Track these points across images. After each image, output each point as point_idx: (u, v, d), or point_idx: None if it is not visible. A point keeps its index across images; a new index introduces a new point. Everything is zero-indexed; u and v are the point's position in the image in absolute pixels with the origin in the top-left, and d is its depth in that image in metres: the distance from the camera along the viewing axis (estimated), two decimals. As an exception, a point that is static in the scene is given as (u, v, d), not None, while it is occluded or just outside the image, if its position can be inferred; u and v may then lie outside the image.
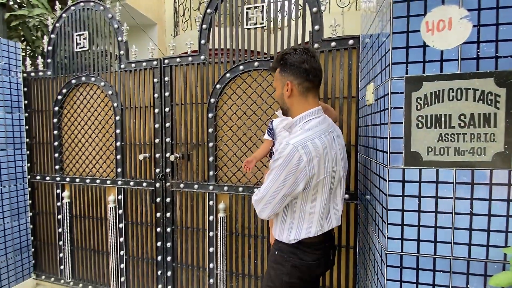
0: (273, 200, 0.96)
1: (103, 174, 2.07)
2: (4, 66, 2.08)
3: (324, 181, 0.95)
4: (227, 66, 1.77)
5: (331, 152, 0.95)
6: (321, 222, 1.00)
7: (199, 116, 1.83)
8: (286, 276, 1.03)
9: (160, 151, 1.89)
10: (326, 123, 1.00)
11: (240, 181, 1.77)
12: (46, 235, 2.26)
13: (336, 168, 0.99)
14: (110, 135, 2.03)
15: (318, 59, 1.01)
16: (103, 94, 2.04)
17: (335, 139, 0.99)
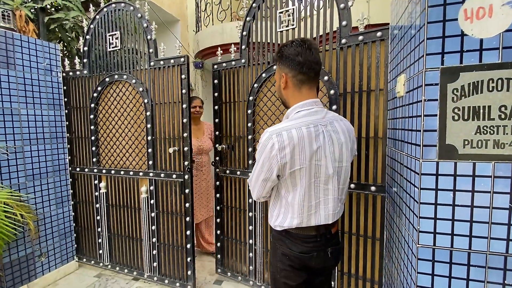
0: (256, 184, 1.03)
1: (136, 166, 2.20)
2: (46, 67, 2.25)
3: (301, 172, 0.95)
4: (263, 67, 1.94)
5: (311, 145, 0.93)
6: (306, 215, 1.00)
7: (241, 112, 2.06)
8: (279, 263, 1.07)
9: (189, 145, 1.97)
10: (317, 116, 0.98)
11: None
12: (86, 222, 2.46)
13: (319, 162, 0.96)
14: (142, 130, 2.14)
15: (316, 51, 0.98)
16: (134, 91, 2.15)
17: (324, 133, 0.96)
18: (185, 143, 1.98)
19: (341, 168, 1.02)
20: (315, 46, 0.98)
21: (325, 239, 1.05)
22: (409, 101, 1.03)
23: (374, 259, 1.59)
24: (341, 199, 1.07)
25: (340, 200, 1.07)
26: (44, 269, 2.22)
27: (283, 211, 1.03)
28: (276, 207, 1.06)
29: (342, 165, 1.02)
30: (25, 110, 2.10)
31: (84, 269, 2.48)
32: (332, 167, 0.98)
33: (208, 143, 2.56)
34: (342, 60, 1.66)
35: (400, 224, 1.16)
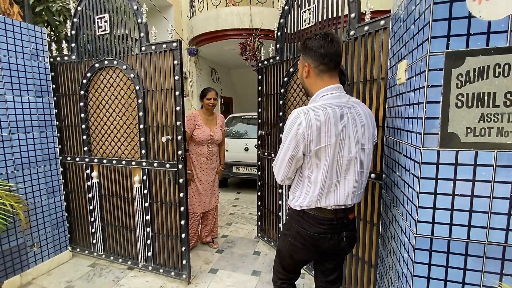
0: (282, 164, 1.06)
1: (128, 155, 2.15)
2: (32, 52, 2.15)
3: (326, 150, 0.99)
4: (291, 63, 2.17)
5: (336, 125, 0.98)
6: (326, 194, 1.04)
7: (274, 103, 2.40)
8: (292, 239, 1.13)
9: (182, 134, 1.92)
10: (342, 99, 1.03)
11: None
12: (79, 212, 2.42)
13: (343, 141, 1.00)
14: (134, 118, 2.08)
15: (337, 44, 1.04)
16: (125, 77, 2.07)
17: (348, 115, 1.01)
18: (178, 132, 1.93)
19: (364, 150, 1.06)
20: (337, 40, 1.04)
21: (341, 223, 1.08)
22: (410, 88, 0.99)
23: (372, 244, 1.60)
24: (363, 184, 1.10)
25: (361, 184, 1.09)
26: (37, 259, 2.19)
27: (305, 191, 1.06)
28: (298, 188, 1.10)
29: (364, 147, 1.06)
30: (11, 97, 2.01)
31: (78, 259, 2.45)
32: (355, 147, 1.02)
33: (219, 134, 2.52)
34: (351, 51, 1.66)
35: (397, 213, 1.15)
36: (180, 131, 1.92)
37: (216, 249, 2.63)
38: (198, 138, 2.38)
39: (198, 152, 2.43)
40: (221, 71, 6.36)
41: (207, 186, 2.50)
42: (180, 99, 1.90)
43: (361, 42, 1.61)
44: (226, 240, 2.83)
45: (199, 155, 2.43)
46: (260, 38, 3.70)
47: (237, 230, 3.09)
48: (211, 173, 2.52)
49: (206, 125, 2.44)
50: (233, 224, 3.25)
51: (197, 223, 2.54)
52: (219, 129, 2.53)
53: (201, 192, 2.46)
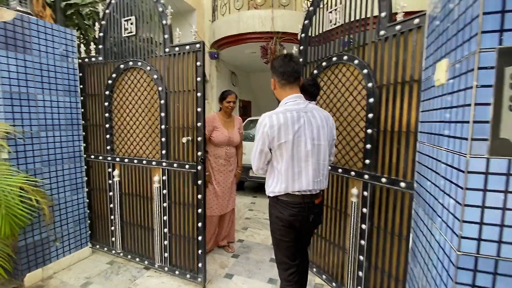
0: (255, 157, 1.35)
1: (149, 155, 2.17)
2: (62, 53, 2.24)
3: (286, 145, 1.27)
4: (314, 65, 2.09)
5: (293, 125, 1.27)
6: (291, 180, 1.29)
7: None
8: (275, 224, 1.39)
9: (202, 135, 1.91)
10: (300, 106, 1.32)
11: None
12: (99, 209, 2.47)
13: (300, 138, 1.27)
14: (156, 118, 2.10)
15: (295, 62, 1.35)
16: (149, 78, 2.10)
17: (304, 118, 1.30)
18: (199, 133, 1.92)
19: (320, 146, 1.32)
20: (295, 59, 1.36)
21: (308, 207, 1.34)
22: (453, 89, 0.91)
23: (400, 257, 1.49)
24: (322, 173, 1.36)
25: (320, 173, 1.35)
26: (58, 253, 2.25)
27: (276, 180, 1.33)
28: (271, 177, 1.36)
29: (320, 143, 1.32)
30: (41, 95, 2.10)
31: (97, 255, 2.50)
32: (311, 143, 1.29)
33: (237, 136, 2.51)
34: (380, 52, 1.58)
35: (433, 227, 1.05)
36: (201, 132, 1.91)
37: (232, 254, 2.58)
38: (217, 140, 2.36)
39: (216, 154, 2.41)
40: (240, 74, 6.39)
41: (225, 188, 2.47)
42: (202, 100, 1.89)
43: (392, 42, 1.52)
44: (242, 245, 2.79)
45: (217, 157, 2.41)
46: (282, 41, 3.68)
47: (253, 235, 3.03)
48: (229, 175, 2.49)
49: (224, 127, 2.42)
50: (249, 229, 3.20)
51: (214, 227, 2.51)
52: (236, 131, 2.51)
53: (218, 195, 2.44)
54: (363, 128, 1.73)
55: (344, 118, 1.85)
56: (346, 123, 1.84)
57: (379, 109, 1.61)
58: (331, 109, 1.95)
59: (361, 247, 1.74)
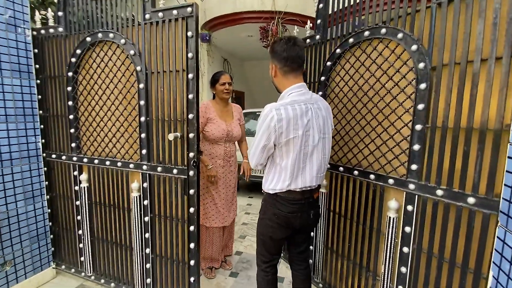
0: (256, 152, 1.21)
1: (125, 155, 1.69)
2: (9, 20, 1.70)
3: (294, 141, 1.16)
4: (337, 42, 1.67)
5: (302, 119, 1.15)
6: (295, 178, 1.20)
7: None
8: (269, 221, 1.29)
9: (195, 130, 1.45)
10: (306, 96, 1.21)
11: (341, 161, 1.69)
12: (65, 222, 1.98)
13: (308, 132, 1.18)
14: (133, 108, 1.62)
15: (299, 47, 1.19)
16: (123, 54, 1.61)
17: (312, 110, 1.19)
18: (190, 128, 1.46)
19: (325, 139, 1.25)
20: (299, 43, 1.20)
21: (308, 203, 1.27)
22: None
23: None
24: (324, 167, 1.28)
25: (323, 167, 1.28)
26: (10, 280, 1.76)
27: (277, 176, 1.23)
28: (271, 173, 1.26)
29: (325, 136, 1.24)
30: (-22, 76, 1.57)
31: (62, 278, 2.02)
32: (318, 136, 1.20)
33: (237, 128, 2.03)
34: (440, 20, 1.15)
35: None
36: (193, 127, 1.45)
37: (230, 271, 2.17)
38: (212, 135, 1.90)
39: (212, 153, 1.96)
40: (234, 62, 5.87)
41: (225, 195, 2.03)
42: (195, 84, 1.42)
43: (459, 5, 1.10)
44: (240, 258, 2.37)
45: (214, 157, 1.95)
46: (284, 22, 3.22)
47: (253, 245, 2.62)
48: (229, 179, 2.04)
49: (221, 118, 1.96)
50: (247, 238, 2.78)
51: (215, 240, 2.05)
52: (237, 123, 2.04)
53: (217, 203, 1.99)
54: (408, 124, 1.32)
55: (379, 110, 1.44)
56: (382, 117, 1.43)
57: (435, 98, 1.20)
58: (360, 98, 1.53)
59: (402, 276, 1.36)
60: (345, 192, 1.67)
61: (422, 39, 1.25)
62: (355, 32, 1.55)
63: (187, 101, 1.45)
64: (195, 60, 1.41)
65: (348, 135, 1.62)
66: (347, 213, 1.66)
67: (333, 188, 1.75)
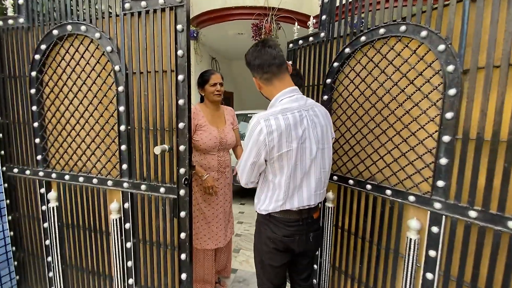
0: (245, 169, 1.08)
1: (102, 171, 1.43)
2: (-46, 8, 1.39)
3: (288, 155, 1.01)
4: (347, 40, 1.47)
5: (296, 129, 1.01)
6: (290, 196, 1.06)
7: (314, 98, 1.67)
8: (264, 246, 1.14)
9: (187, 142, 1.22)
10: (300, 102, 1.05)
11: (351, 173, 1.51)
12: (31, 246, 1.69)
13: (304, 145, 1.03)
14: (111, 115, 1.36)
15: (271, 47, 1.04)
16: (98, 51, 1.35)
17: (307, 118, 1.04)
18: (181, 139, 1.23)
19: (324, 150, 1.09)
20: (270, 44, 1.05)
21: (306, 223, 1.12)
22: None
23: None
24: (325, 182, 1.14)
25: (323, 183, 1.13)
26: (-40, 321, 1.46)
27: (270, 195, 1.09)
28: (263, 192, 1.12)
29: (324, 146, 1.09)
30: None
31: (29, 312, 1.73)
32: (316, 148, 1.05)
33: (231, 134, 1.80)
34: (474, 16, 0.99)
35: None
36: (184, 138, 1.22)
37: (225, 294, 1.95)
38: (203, 144, 1.67)
39: (204, 164, 1.73)
40: (222, 61, 5.61)
41: (222, 211, 1.80)
42: (186, 87, 1.20)
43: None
44: (235, 277, 2.16)
45: (206, 169, 1.72)
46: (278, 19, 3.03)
47: (248, 260, 2.41)
48: (225, 193, 1.82)
49: (212, 124, 1.73)
50: (241, 252, 2.57)
51: (210, 263, 1.82)
52: (230, 128, 1.82)
53: (210, 221, 1.76)
54: (433, 134, 1.16)
55: (397, 117, 1.28)
56: (401, 126, 1.27)
57: (468, 106, 1.05)
58: (373, 104, 1.37)
59: (426, 307, 1.20)
60: (356, 207, 1.50)
61: (452, 38, 1.09)
62: (368, 29, 1.37)
63: (176, 108, 1.22)
64: (186, 59, 1.18)
65: (359, 144, 1.45)
66: (357, 230, 1.50)
67: (341, 203, 1.58)
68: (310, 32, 1.72)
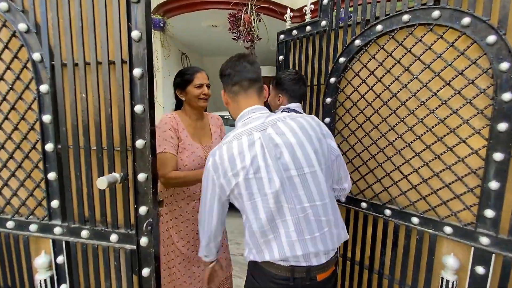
0: (204, 216, 0.92)
1: (21, 210, 0.97)
2: None
3: (240, 189, 0.82)
4: (357, 30, 1.19)
5: (242, 158, 0.81)
6: (266, 243, 0.83)
7: (314, 101, 1.41)
8: None
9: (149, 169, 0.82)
10: (255, 123, 0.85)
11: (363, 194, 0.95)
12: None
13: (258, 175, 0.80)
14: (31, 127, 0.91)
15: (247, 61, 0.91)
16: (6, 30, 0.89)
17: (261, 140, 0.81)
18: (140, 163, 0.83)
19: (305, 176, 0.81)
20: (250, 58, 0.93)
21: (302, 285, 0.83)
22: None
23: None
24: (327, 219, 0.82)
25: (323, 221, 0.82)
26: None
27: (250, 242, 0.87)
28: (246, 235, 0.89)
29: (304, 171, 0.81)
30: None
31: None
32: (279, 177, 0.79)
33: None
34: None
35: None
36: (145, 162, 0.82)
37: None
38: (183, 167, 1.25)
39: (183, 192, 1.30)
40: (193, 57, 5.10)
41: None
42: (145, 86, 0.80)
43: None
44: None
45: (184, 197, 1.31)
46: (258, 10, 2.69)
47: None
48: None
49: (194, 138, 1.31)
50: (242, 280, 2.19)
51: None
52: (217, 143, 1.40)
53: (192, 263, 1.33)
54: (479, 151, 0.91)
55: (427, 128, 1.01)
56: (433, 138, 1.00)
57: (532, 116, 0.80)
58: (394, 110, 1.09)
59: None
60: (370, 236, 1.22)
61: (507, 27, 0.83)
62: (386, 16, 1.09)
63: (132, 117, 0.81)
64: (146, 45, 0.78)
65: (374, 160, 1.17)
66: (372, 264, 1.22)
67: (350, 229, 1.30)
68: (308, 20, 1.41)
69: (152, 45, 0.81)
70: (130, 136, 0.82)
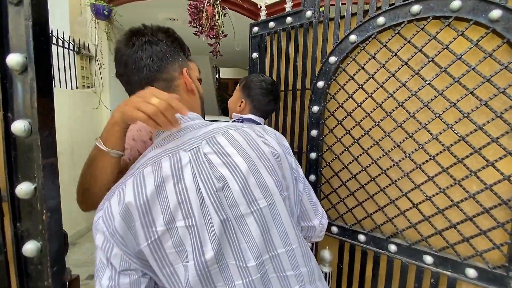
0: None
1: None
2: None
3: (157, 254, 0.49)
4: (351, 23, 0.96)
5: (160, 197, 0.49)
6: None
7: (298, 110, 1.14)
8: None
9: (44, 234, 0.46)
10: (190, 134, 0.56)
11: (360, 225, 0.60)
12: None
13: (189, 221, 0.49)
14: None
15: (144, 43, 0.60)
16: None
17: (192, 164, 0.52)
18: (27, 228, 0.46)
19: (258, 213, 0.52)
20: (146, 38, 0.61)
21: None
22: None
23: None
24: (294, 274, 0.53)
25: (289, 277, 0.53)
26: None
27: None
28: None
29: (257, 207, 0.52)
30: None
31: None
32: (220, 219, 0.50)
33: None
34: None
35: None
36: (35, 223, 0.46)
37: None
38: None
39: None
40: (146, 54, 4.57)
41: None
42: (32, 84, 0.44)
43: None
44: None
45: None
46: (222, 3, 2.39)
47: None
48: None
49: None
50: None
51: None
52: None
53: None
54: (511, 178, 0.73)
55: (445, 147, 0.81)
56: (451, 160, 0.81)
57: None
58: (400, 124, 0.88)
59: None
60: (370, 276, 1.00)
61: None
62: (391, 6, 0.87)
63: (6, 142, 0.45)
64: (31, 13, 0.42)
65: (375, 183, 0.95)
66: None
67: (345, 267, 1.06)
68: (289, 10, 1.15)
69: (48, 30, 0.45)
70: (4, 178, 0.45)
